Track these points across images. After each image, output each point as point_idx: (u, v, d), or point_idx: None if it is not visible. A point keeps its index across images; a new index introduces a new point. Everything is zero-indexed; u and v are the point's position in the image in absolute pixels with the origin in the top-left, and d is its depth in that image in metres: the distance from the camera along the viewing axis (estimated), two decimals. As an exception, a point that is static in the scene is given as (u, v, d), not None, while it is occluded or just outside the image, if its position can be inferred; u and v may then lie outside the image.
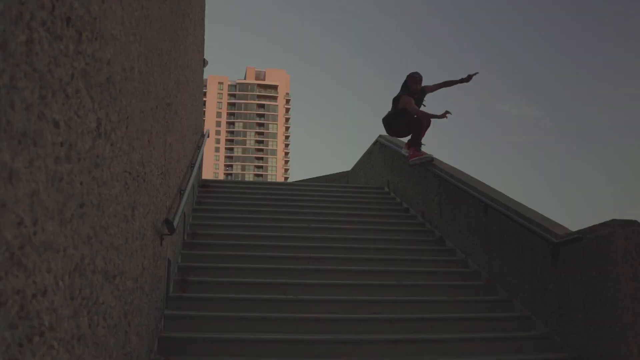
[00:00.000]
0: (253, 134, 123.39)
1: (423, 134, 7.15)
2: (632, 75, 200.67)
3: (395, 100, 7.08)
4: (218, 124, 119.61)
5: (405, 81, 7.07)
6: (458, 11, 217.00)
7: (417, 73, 7.10)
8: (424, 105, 7.09)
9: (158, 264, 3.64)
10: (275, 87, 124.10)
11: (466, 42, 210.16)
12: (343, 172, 11.71)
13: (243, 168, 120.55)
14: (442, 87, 7.25)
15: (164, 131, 3.65)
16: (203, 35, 7.09)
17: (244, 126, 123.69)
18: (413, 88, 6.99)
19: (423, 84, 7.15)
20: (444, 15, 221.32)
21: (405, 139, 7.52)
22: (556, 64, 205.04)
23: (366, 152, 10.18)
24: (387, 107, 7.22)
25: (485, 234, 5.55)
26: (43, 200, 1.42)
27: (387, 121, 7.21)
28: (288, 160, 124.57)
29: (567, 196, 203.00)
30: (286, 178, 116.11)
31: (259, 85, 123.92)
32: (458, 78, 7.10)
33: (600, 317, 3.85)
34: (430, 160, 6.96)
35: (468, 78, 7.01)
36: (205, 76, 8.92)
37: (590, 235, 4.01)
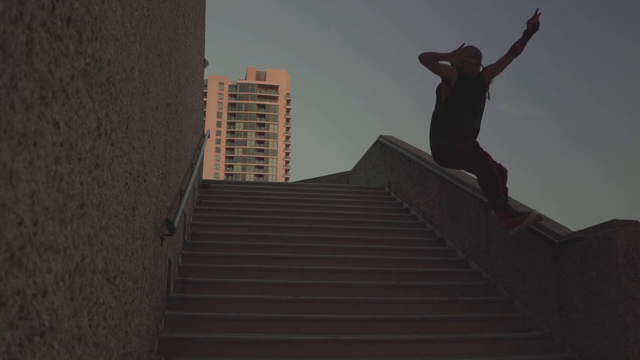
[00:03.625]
0: (253, 134, 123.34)
1: (498, 184, 4.18)
2: (632, 75, 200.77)
3: (439, 91, 4.60)
4: (218, 124, 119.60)
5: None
6: (458, 11, 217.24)
7: (472, 47, 4.49)
8: (488, 99, 4.53)
9: (158, 264, 3.64)
10: (275, 88, 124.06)
11: (466, 42, 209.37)
12: (344, 172, 11.71)
13: (244, 168, 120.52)
14: (512, 57, 4.62)
15: (165, 131, 3.65)
16: (203, 35, 7.10)
17: (245, 126, 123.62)
18: (467, 70, 4.41)
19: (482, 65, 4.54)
20: (444, 15, 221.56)
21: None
22: (556, 64, 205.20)
23: (367, 152, 10.18)
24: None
25: (486, 234, 5.55)
26: (43, 200, 1.42)
27: (432, 136, 4.55)
28: (289, 161, 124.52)
29: (568, 197, 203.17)
30: (287, 178, 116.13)
31: (260, 86, 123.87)
32: (522, 34, 4.51)
33: (601, 317, 3.84)
34: (539, 220, 4.17)
35: (533, 26, 4.47)
36: (205, 76, 8.92)
37: (591, 235, 4.01)
